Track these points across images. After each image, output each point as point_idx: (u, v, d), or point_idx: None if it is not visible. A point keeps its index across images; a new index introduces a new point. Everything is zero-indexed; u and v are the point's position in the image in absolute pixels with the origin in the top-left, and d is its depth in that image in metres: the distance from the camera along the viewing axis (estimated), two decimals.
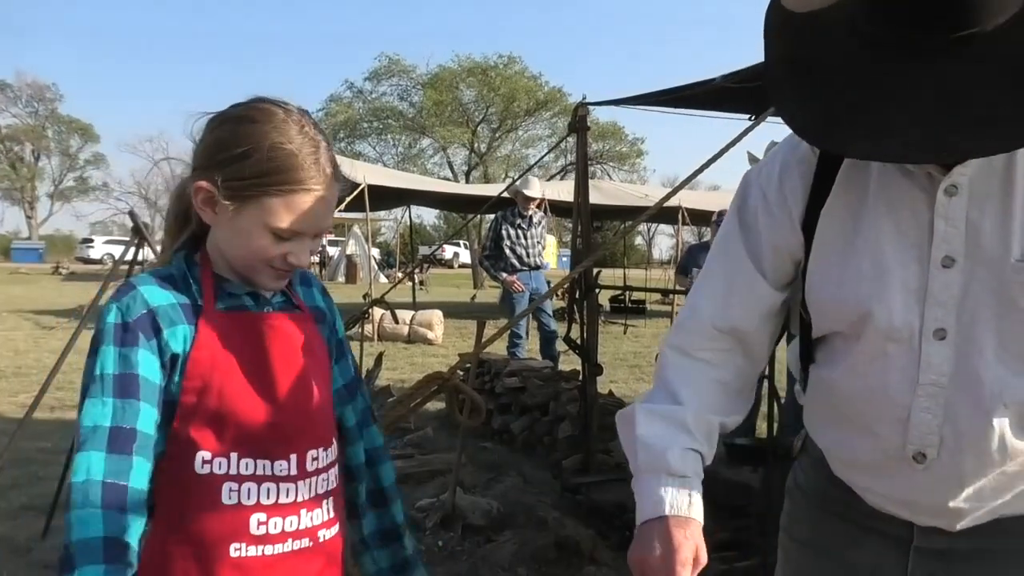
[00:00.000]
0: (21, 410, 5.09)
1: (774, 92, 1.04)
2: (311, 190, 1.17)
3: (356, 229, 27.67)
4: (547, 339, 7.56)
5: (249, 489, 1.17)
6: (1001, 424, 1.03)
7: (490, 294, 21.17)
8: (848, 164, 1.11)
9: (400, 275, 16.57)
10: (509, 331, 7.62)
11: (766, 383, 3.03)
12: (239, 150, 1.16)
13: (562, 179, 8.86)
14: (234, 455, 1.16)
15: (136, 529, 1.07)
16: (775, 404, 3.15)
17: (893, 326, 1.06)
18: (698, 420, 1.15)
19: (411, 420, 5.38)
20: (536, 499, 4.20)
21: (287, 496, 1.20)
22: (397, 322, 10.30)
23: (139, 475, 1.08)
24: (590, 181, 4.31)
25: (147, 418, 1.11)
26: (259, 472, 1.18)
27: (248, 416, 1.17)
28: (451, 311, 13.30)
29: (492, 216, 8.61)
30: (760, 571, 1.31)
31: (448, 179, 29.56)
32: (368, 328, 9.90)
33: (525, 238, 7.57)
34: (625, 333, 11.95)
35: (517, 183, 7.94)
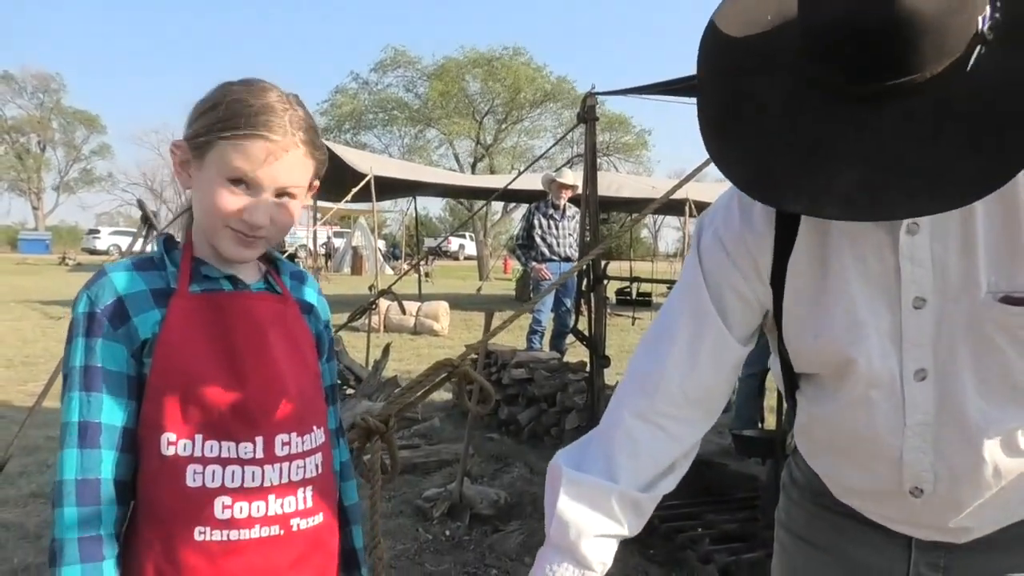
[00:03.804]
0: (30, 399, 5.11)
1: (709, 138, 1.00)
2: (267, 138, 1.15)
3: (362, 221, 27.68)
4: (560, 332, 7.60)
5: (214, 472, 1.15)
6: (992, 453, 1.02)
7: (496, 286, 21.18)
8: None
9: (406, 267, 16.58)
10: (531, 319, 7.68)
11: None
12: (207, 104, 1.19)
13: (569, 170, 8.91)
14: (199, 437, 1.15)
15: (111, 518, 1.12)
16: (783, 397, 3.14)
17: (873, 373, 1.05)
18: (624, 500, 1.10)
19: (418, 410, 5.39)
20: (543, 489, 4.20)
21: (253, 480, 1.17)
22: (404, 313, 10.31)
23: (109, 466, 1.12)
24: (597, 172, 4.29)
25: (111, 410, 1.13)
26: (224, 454, 1.16)
27: (213, 397, 1.16)
28: (457, 303, 13.31)
29: (498, 207, 8.70)
30: (767, 563, 1.31)
31: (454, 170, 29.52)
32: (375, 319, 9.92)
33: (556, 229, 7.66)
34: (633, 325, 11.94)
35: (552, 173, 8.03)
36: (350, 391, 5.44)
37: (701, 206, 13.73)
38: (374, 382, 5.40)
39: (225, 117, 1.16)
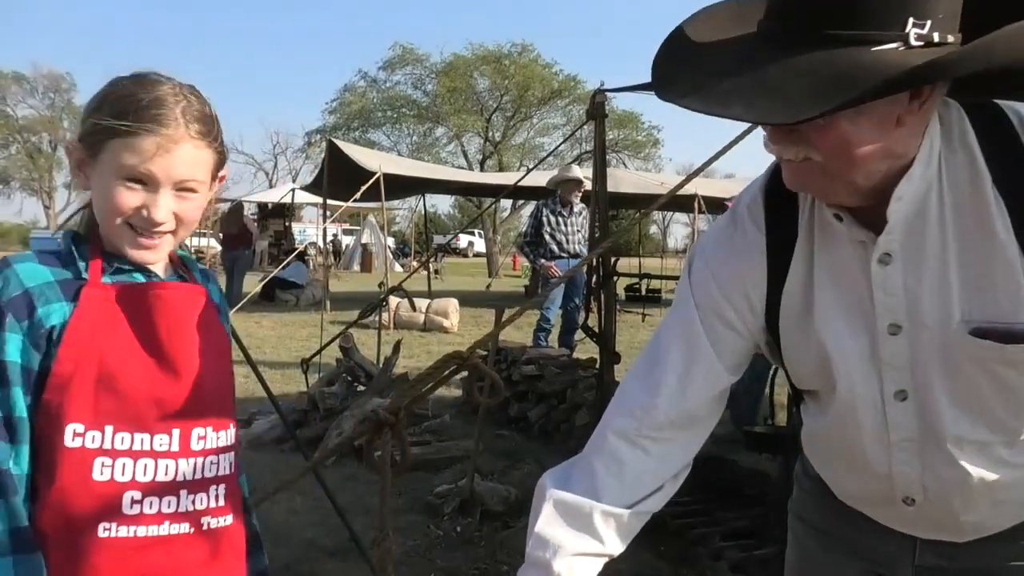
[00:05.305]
0: None
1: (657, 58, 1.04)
2: (158, 132, 1.12)
3: (371, 218, 27.73)
4: (569, 329, 7.59)
5: (124, 465, 1.11)
6: (975, 467, 1.06)
7: (506, 283, 21.17)
8: (800, 245, 1.12)
9: (415, 264, 16.60)
10: (539, 316, 7.68)
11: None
12: (96, 102, 1.16)
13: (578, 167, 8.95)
14: (109, 428, 1.11)
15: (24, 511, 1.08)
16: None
17: (856, 394, 1.09)
18: (607, 517, 1.11)
19: (428, 407, 5.40)
20: None
21: (166, 473, 1.14)
22: (415, 310, 10.33)
23: (21, 459, 1.09)
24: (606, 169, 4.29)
25: (19, 401, 1.09)
26: (136, 447, 1.12)
27: (129, 386, 1.12)
28: (466, 300, 13.31)
29: (507, 204, 8.68)
30: (778, 559, 1.32)
31: (463, 168, 29.49)
32: (384, 316, 9.94)
33: (565, 226, 7.66)
34: (644, 321, 11.93)
35: (555, 173, 8.03)
36: (361, 388, 5.45)
37: (709, 202, 13.70)
38: (385, 379, 5.41)
39: (114, 114, 1.12)
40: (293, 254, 13.66)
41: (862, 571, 1.26)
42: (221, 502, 1.21)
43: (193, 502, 1.17)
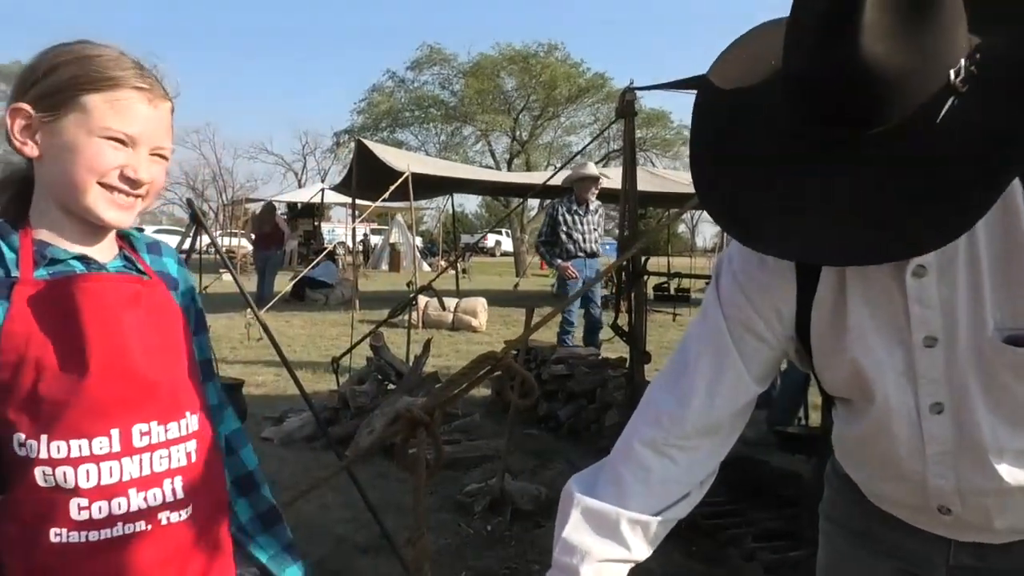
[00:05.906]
0: None
1: (700, 181, 1.06)
2: (138, 88, 1.10)
3: (399, 218, 27.88)
4: (592, 328, 7.54)
5: (65, 473, 1.07)
6: (1013, 474, 1.05)
7: (533, 283, 21.17)
8: None
9: (444, 263, 16.67)
10: (560, 318, 7.65)
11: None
12: (51, 64, 1.09)
13: (605, 166, 8.93)
14: (43, 437, 1.06)
15: None
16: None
17: (891, 407, 1.08)
18: (634, 525, 1.12)
19: (458, 406, 5.42)
20: None
21: (111, 476, 1.10)
22: (444, 308, 10.36)
23: None
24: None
25: None
26: (75, 454, 1.08)
27: (60, 392, 1.07)
28: (494, 299, 13.33)
29: (534, 204, 8.65)
30: (811, 561, 1.31)
31: (490, 167, 29.55)
32: (413, 315, 9.99)
33: (582, 224, 7.58)
34: (674, 320, 11.87)
35: (570, 172, 8.00)
36: (391, 386, 5.49)
37: None
38: (415, 378, 5.44)
39: (86, 71, 1.08)
40: (323, 253, 13.78)
41: (894, 570, 1.25)
42: (180, 495, 1.17)
43: (145, 499, 1.13)
